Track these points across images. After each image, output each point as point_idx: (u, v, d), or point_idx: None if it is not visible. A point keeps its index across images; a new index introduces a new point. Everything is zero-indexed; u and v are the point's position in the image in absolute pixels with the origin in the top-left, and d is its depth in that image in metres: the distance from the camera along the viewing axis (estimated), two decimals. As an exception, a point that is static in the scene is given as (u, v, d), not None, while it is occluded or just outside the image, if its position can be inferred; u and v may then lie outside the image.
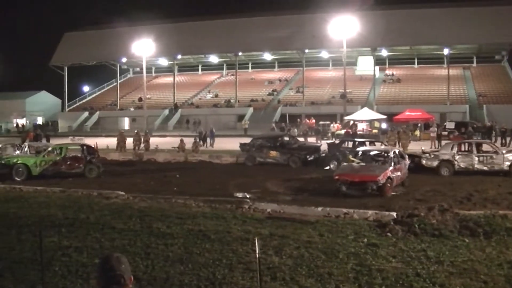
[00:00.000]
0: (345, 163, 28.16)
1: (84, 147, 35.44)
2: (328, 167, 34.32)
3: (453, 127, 57.11)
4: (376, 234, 14.37)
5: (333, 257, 12.03)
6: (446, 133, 54.08)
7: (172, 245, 13.22)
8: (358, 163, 27.22)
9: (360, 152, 29.06)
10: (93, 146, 36.41)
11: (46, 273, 10.72)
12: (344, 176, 24.89)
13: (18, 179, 31.09)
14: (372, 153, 29.23)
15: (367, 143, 36.52)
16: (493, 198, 22.51)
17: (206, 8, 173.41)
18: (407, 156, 30.65)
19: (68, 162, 33.35)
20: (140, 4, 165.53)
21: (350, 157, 28.61)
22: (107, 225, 15.67)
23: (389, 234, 14.26)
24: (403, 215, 15.97)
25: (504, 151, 31.98)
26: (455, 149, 31.95)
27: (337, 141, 42.91)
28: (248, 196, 23.60)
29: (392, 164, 25.96)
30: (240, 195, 24.29)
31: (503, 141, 47.84)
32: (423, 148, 36.04)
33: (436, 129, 49.66)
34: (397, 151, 28.95)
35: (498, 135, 51.55)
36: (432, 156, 32.42)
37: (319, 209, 19.16)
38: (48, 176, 31.86)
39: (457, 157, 31.29)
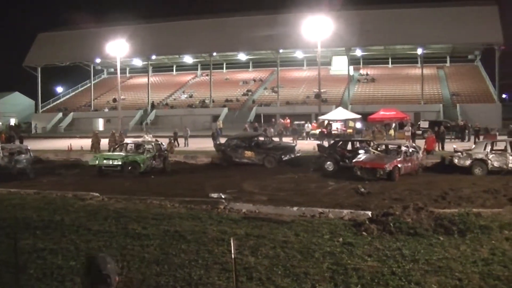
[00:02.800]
0: (365, 154, 32.71)
1: (161, 144, 38.45)
2: (312, 169, 34.38)
3: (427, 126, 57.39)
4: (352, 233, 14.42)
5: (309, 256, 12.06)
6: (420, 132, 54.36)
7: (148, 246, 13.17)
8: (374, 153, 32.46)
9: (379, 146, 34.21)
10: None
11: (21, 275, 10.65)
12: (360, 163, 30.51)
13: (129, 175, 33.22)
14: (389, 146, 34.19)
15: (359, 143, 37.88)
16: (467, 197, 22.78)
17: (180, 8, 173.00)
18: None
19: (157, 159, 35.99)
20: (114, 5, 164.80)
21: (371, 148, 33.47)
22: (82, 227, 15.57)
23: (364, 233, 14.31)
24: (378, 214, 16.01)
25: None
26: (489, 148, 31.56)
27: (327, 142, 43.57)
28: (223, 197, 23.60)
29: (402, 156, 30.98)
30: (215, 195, 24.26)
31: (477, 140, 48.14)
32: (454, 146, 35.90)
33: (410, 128, 49.91)
34: (409, 145, 33.84)
35: (471, 134, 52.01)
36: (465, 155, 31.88)
37: (295, 209, 19.23)
38: (146, 173, 34.26)
39: (490, 156, 30.85)
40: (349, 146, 36.80)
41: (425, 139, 39.28)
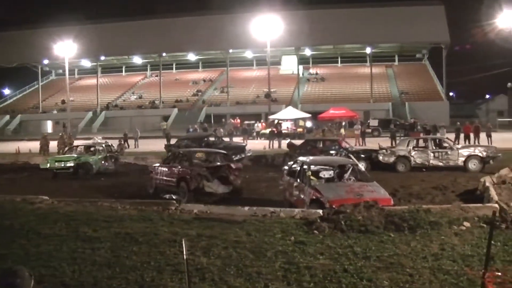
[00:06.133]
0: (319, 182, 19.74)
1: (112, 146, 38.72)
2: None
3: (377, 125, 58.06)
4: (303, 232, 14.44)
5: (261, 256, 12.05)
6: (370, 130, 54.92)
7: (99, 249, 13.02)
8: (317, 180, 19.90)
9: (323, 166, 21.36)
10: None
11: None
12: (344, 201, 16.71)
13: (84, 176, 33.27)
14: (338, 166, 21.09)
15: (330, 142, 37.15)
16: (417, 193, 23.08)
17: (129, 8, 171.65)
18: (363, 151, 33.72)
19: (109, 160, 36.06)
20: (62, 5, 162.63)
21: (309, 174, 19.43)
22: (32, 231, 15.32)
23: (316, 231, 14.35)
24: (329, 212, 16.06)
25: (459, 147, 32.68)
26: (412, 145, 32.38)
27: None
28: (174, 197, 23.48)
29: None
30: (166, 196, 24.15)
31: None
32: (379, 143, 36.29)
33: (360, 126, 50.44)
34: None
35: (420, 132, 52.63)
36: (389, 152, 32.59)
37: (246, 208, 19.13)
38: (100, 173, 34.49)
39: (413, 153, 31.69)
40: (320, 145, 36.73)
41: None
